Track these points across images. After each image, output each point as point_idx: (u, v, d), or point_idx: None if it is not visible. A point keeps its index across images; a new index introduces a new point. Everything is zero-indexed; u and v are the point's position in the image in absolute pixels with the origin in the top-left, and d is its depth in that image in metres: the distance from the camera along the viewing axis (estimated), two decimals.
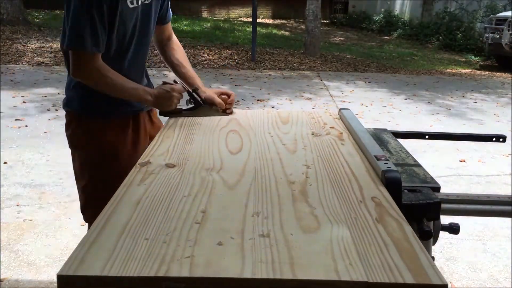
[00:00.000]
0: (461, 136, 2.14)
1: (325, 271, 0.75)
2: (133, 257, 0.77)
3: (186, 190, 1.06)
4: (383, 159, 1.24)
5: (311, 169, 1.23)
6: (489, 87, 8.40)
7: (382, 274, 0.75)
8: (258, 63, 9.50)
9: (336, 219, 0.94)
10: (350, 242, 0.85)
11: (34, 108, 5.41)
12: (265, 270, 0.75)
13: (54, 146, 4.08)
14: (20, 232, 2.71)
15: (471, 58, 12.13)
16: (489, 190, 3.63)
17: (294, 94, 6.90)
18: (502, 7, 13.00)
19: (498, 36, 9.80)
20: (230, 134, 1.54)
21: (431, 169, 1.36)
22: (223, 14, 17.72)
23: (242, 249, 0.81)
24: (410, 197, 1.15)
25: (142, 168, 1.20)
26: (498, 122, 5.90)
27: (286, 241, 0.84)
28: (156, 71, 8.39)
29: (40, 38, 10.19)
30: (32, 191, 3.26)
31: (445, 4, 14.94)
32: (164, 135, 1.50)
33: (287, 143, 1.46)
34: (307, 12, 10.18)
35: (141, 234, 0.85)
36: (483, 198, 1.25)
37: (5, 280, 2.27)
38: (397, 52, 12.19)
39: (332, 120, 1.76)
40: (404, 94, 7.36)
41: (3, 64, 8.03)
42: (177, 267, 0.75)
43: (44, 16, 13.79)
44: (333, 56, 10.89)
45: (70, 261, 0.76)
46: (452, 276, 2.50)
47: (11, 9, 10.69)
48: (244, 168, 1.22)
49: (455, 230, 1.27)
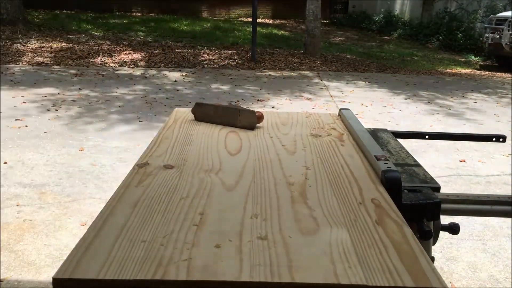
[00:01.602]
0: (461, 136, 2.14)
1: (324, 274, 0.75)
2: (130, 260, 0.77)
3: (184, 192, 1.05)
4: (383, 159, 1.23)
5: (310, 171, 1.22)
6: (489, 87, 8.40)
7: (382, 277, 0.74)
8: (258, 63, 9.50)
9: (336, 221, 0.93)
10: (350, 245, 0.84)
11: (34, 108, 5.41)
12: (263, 273, 0.74)
13: (54, 146, 4.07)
14: (20, 232, 2.70)
15: (471, 58, 12.13)
16: (489, 190, 3.62)
17: (294, 94, 6.90)
18: (502, 7, 12.99)
19: (498, 36, 9.80)
20: (229, 135, 1.53)
21: (431, 169, 1.35)
22: (223, 14, 17.71)
23: (240, 251, 0.80)
24: (410, 197, 1.15)
25: (140, 169, 1.19)
26: (498, 122, 5.89)
27: (284, 243, 0.84)
28: (156, 71, 8.39)
29: (40, 38, 10.19)
30: (32, 191, 3.25)
31: (445, 4, 14.93)
32: (163, 136, 1.49)
33: (287, 144, 1.45)
34: (307, 12, 10.17)
35: (138, 236, 0.85)
36: (483, 198, 1.24)
37: (5, 280, 2.27)
38: (397, 52, 12.18)
39: (332, 121, 1.76)
40: (404, 94, 7.36)
41: (3, 64, 8.02)
42: (174, 270, 0.74)
43: (44, 16, 13.78)
44: (333, 56, 10.89)
45: (66, 264, 0.75)
46: (452, 276, 2.49)
47: (11, 9, 10.68)
48: (243, 169, 1.21)
49: (455, 230, 1.27)
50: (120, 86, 6.88)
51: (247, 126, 1.61)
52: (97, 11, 15.60)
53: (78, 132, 4.57)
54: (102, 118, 5.16)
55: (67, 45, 9.93)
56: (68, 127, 4.72)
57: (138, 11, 16.91)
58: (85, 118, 5.11)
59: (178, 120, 1.68)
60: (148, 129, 4.84)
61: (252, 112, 1.61)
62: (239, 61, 9.62)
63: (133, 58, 9.29)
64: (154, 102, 5.98)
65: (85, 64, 8.56)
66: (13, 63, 8.27)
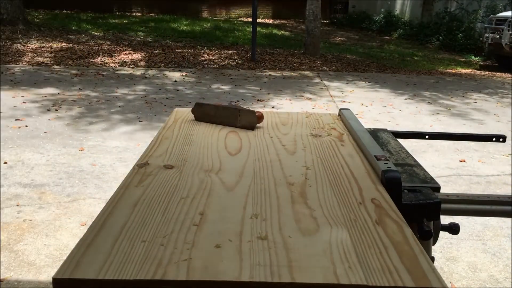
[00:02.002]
0: (461, 136, 2.13)
1: (324, 274, 0.75)
2: (129, 260, 0.77)
3: (184, 192, 1.05)
4: (383, 159, 1.23)
5: (310, 171, 1.22)
6: (489, 87, 8.40)
7: (382, 277, 0.74)
8: (258, 63, 9.50)
9: (336, 221, 0.93)
10: (350, 245, 0.84)
11: (34, 108, 5.41)
12: (263, 273, 0.74)
13: (54, 146, 4.07)
14: (20, 232, 2.70)
15: (471, 58, 12.13)
16: (489, 190, 3.62)
17: (294, 94, 6.90)
18: (502, 7, 12.99)
19: (498, 36, 9.80)
20: (229, 135, 1.53)
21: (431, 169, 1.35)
22: (223, 14, 17.71)
23: (240, 251, 0.80)
24: (410, 197, 1.15)
25: (140, 169, 1.19)
26: (498, 122, 5.89)
27: (284, 243, 0.83)
28: (156, 71, 8.39)
29: (40, 38, 10.19)
30: (32, 191, 3.25)
31: (445, 4, 14.93)
32: (163, 136, 1.49)
33: (287, 144, 1.45)
34: (307, 12, 10.17)
35: (138, 236, 0.85)
36: (483, 198, 1.24)
37: (5, 280, 2.27)
38: (397, 52, 12.18)
39: (332, 121, 1.76)
40: (404, 94, 7.36)
41: (3, 64, 8.02)
42: (174, 270, 0.74)
43: (44, 16, 13.78)
44: (333, 56, 10.89)
45: (66, 264, 0.75)
46: (452, 276, 2.49)
47: (11, 9, 10.68)
48: (243, 169, 1.21)
49: (455, 230, 1.27)
50: (120, 86, 6.89)
51: (247, 126, 1.60)
52: (97, 11, 15.60)
53: (78, 132, 4.57)
54: (102, 118, 5.16)
55: (67, 45, 9.94)
56: (68, 127, 4.72)
57: (138, 11, 16.92)
58: (85, 118, 5.11)
59: (178, 120, 1.68)
60: (148, 129, 4.84)
61: (252, 112, 1.61)
62: (239, 61, 9.62)
63: (133, 58, 9.29)
64: (154, 102, 5.99)
65: (85, 64, 8.56)
66: (13, 63, 8.27)
